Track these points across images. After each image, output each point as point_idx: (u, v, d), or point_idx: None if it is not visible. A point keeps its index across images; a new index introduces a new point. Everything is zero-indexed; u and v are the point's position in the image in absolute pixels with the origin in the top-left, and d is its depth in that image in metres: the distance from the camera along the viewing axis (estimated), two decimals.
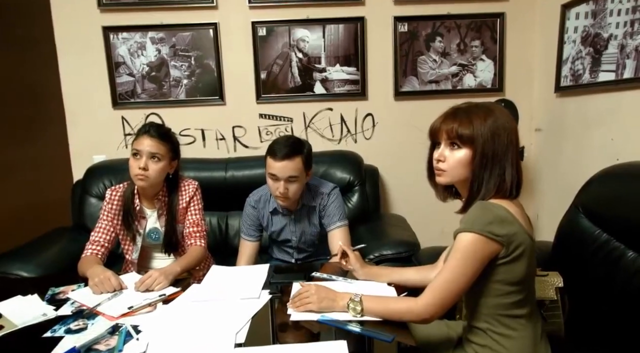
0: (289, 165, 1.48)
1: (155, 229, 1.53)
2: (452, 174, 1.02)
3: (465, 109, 1.02)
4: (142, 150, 1.41)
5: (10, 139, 2.48)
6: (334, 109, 2.34)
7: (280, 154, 1.48)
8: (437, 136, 1.05)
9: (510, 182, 0.98)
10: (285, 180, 1.49)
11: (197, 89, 2.29)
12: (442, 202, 1.15)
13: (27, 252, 1.79)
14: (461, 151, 1.00)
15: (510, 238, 0.94)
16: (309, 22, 2.24)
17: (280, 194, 1.51)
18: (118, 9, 2.20)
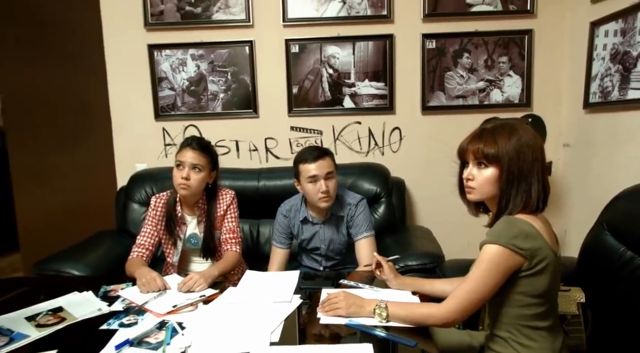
0: (324, 163, 1.62)
1: (194, 235, 1.65)
2: (480, 191, 1.09)
3: (491, 130, 1.08)
4: (185, 162, 1.53)
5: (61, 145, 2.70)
6: (362, 122, 2.42)
7: (313, 156, 1.62)
8: (465, 156, 1.11)
9: (537, 197, 1.04)
10: (324, 177, 1.60)
11: (233, 103, 2.42)
12: (474, 217, 1.21)
13: (76, 252, 1.95)
14: (488, 170, 1.06)
15: (534, 252, 0.99)
16: (340, 39, 2.34)
17: (323, 193, 1.61)
18: (162, 28, 2.36)
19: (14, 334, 1.08)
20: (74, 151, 2.64)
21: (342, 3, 2.31)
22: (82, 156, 2.65)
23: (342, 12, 2.31)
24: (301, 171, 1.63)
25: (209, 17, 2.34)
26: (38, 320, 1.16)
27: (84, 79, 2.53)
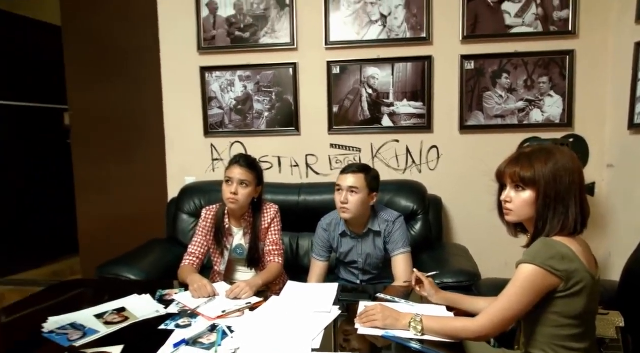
0: (351, 178, 1.71)
1: (240, 245, 1.77)
2: (518, 213, 1.13)
3: (528, 153, 1.13)
4: (234, 178, 1.66)
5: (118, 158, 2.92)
6: (400, 140, 2.49)
7: (349, 170, 1.73)
8: (502, 179, 1.17)
9: (574, 220, 1.07)
10: (347, 190, 1.69)
11: (276, 121, 2.56)
12: (513, 237, 1.24)
13: (132, 258, 2.11)
14: (525, 193, 1.11)
15: (570, 274, 1.02)
16: (380, 61, 2.43)
17: (341, 204, 1.70)
18: (213, 52, 2.55)
19: (87, 329, 1.23)
20: (130, 164, 2.86)
21: (382, 26, 2.40)
22: (137, 169, 2.86)
23: (382, 35, 2.41)
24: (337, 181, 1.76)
25: (257, 41, 2.50)
26: (105, 318, 1.30)
27: (141, 98, 2.76)
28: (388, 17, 2.39)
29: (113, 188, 2.94)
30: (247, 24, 2.50)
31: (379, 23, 2.40)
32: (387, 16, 2.39)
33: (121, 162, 2.90)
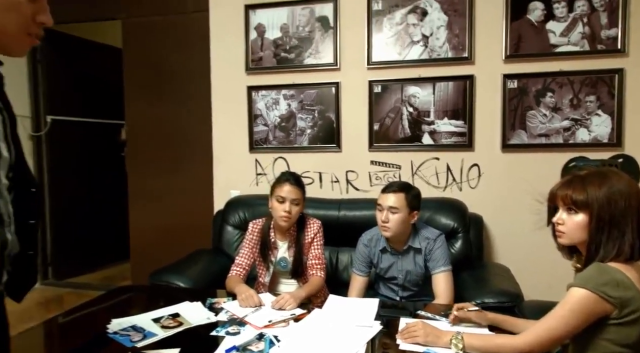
0: (392, 197, 1.74)
1: (284, 258, 1.85)
2: (570, 236, 1.14)
3: (581, 176, 1.13)
4: (287, 197, 1.75)
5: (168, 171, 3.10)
6: (440, 158, 2.51)
7: (390, 189, 1.77)
8: (555, 201, 1.18)
9: (631, 245, 1.05)
10: (387, 209, 1.73)
11: (318, 138, 2.65)
12: (568, 260, 1.24)
13: (181, 267, 2.23)
14: (578, 216, 1.11)
15: (625, 302, 1.01)
16: (421, 80, 2.48)
17: (382, 223, 1.74)
18: (260, 72, 2.69)
19: (146, 332, 1.33)
20: (179, 177, 3.03)
21: (424, 47, 2.45)
22: (185, 181, 3.03)
23: (424, 55, 2.46)
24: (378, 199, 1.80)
25: (301, 62, 2.62)
26: (162, 323, 1.41)
27: (191, 115, 2.93)
28: (430, 37, 2.44)
29: (163, 199, 3.12)
30: (292, 46, 2.62)
31: (421, 43, 2.46)
32: (428, 37, 2.44)
33: (171, 174, 3.08)
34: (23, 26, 0.82)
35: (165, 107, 3.03)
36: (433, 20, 2.43)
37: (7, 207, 0.85)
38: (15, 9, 0.80)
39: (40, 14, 0.84)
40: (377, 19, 2.49)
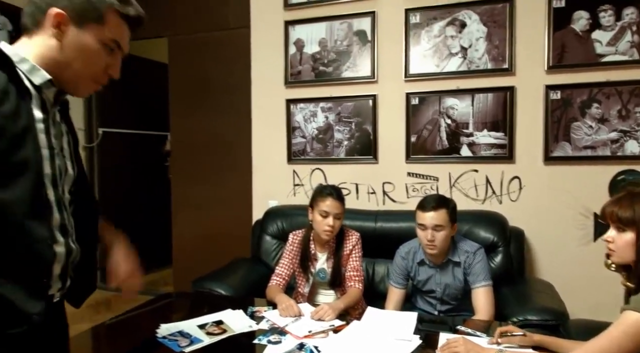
0: (435, 215, 1.72)
1: (323, 269, 1.88)
2: (619, 254, 1.12)
3: (631, 194, 1.11)
4: (330, 212, 1.78)
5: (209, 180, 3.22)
6: (479, 170, 2.47)
7: (429, 206, 1.74)
8: (605, 219, 1.16)
9: None
10: (432, 228, 1.71)
11: (355, 149, 2.68)
12: (625, 281, 1.19)
13: (222, 274, 2.31)
14: (627, 234, 1.09)
15: None
16: (459, 92, 2.46)
17: (428, 242, 1.73)
18: (299, 85, 2.76)
19: (193, 338, 1.40)
20: (219, 186, 3.14)
21: (463, 58, 2.44)
22: (225, 191, 3.14)
23: (462, 67, 2.44)
24: (416, 216, 1.78)
25: (339, 75, 2.66)
26: (207, 329, 1.47)
27: (232, 127, 3.04)
28: (468, 49, 2.43)
29: (204, 207, 3.24)
30: (330, 59, 2.68)
31: (459, 55, 2.45)
32: (467, 48, 2.43)
33: (212, 184, 3.19)
34: (95, 74, 0.92)
35: (207, 119, 3.17)
36: (472, 32, 2.42)
37: (70, 218, 0.94)
38: (96, 59, 0.90)
39: (113, 68, 0.93)
40: (415, 31, 2.51)
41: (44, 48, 0.86)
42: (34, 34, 0.87)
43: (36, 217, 0.81)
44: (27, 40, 0.88)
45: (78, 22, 0.86)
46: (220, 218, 3.17)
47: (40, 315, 0.82)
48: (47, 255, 0.84)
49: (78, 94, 0.94)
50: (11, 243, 0.79)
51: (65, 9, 0.85)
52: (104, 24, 0.88)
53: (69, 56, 0.87)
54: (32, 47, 0.86)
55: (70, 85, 0.91)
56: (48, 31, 0.86)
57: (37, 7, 0.86)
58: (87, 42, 0.87)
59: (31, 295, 0.82)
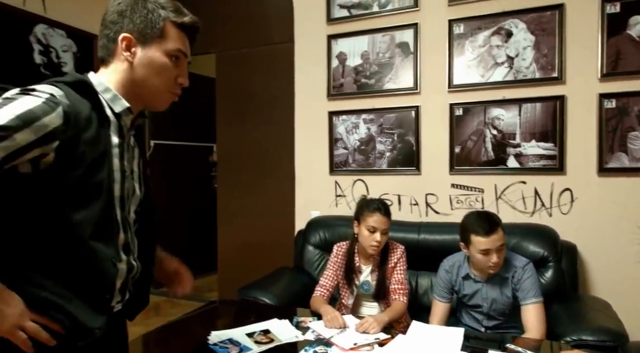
0: (497, 237, 1.68)
1: (367, 282, 1.89)
2: None
3: None
4: (378, 228, 1.80)
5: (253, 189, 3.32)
6: (527, 182, 2.40)
7: (487, 230, 1.68)
8: None
9: None
10: (497, 250, 1.67)
11: (397, 161, 2.67)
12: None
13: (266, 283, 2.36)
14: None
15: None
16: (505, 102, 2.41)
17: (493, 264, 1.68)
18: (341, 98, 2.80)
19: (242, 346, 1.45)
20: (263, 195, 3.23)
21: (509, 68, 2.39)
22: (269, 200, 3.22)
23: (509, 77, 2.39)
24: (473, 242, 1.71)
25: (381, 87, 2.68)
26: (255, 338, 1.51)
27: (276, 139, 3.13)
28: (515, 58, 2.38)
29: (248, 216, 3.34)
30: (372, 72, 2.70)
31: (505, 65, 2.40)
32: (514, 58, 2.38)
33: (256, 194, 3.29)
34: (168, 86, 0.98)
35: (252, 131, 3.27)
36: (519, 41, 2.37)
37: (133, 237, 1.00)
38: (166, 72, 0.96)
39: (181, 77, 0.99)
40: (459, 42, 2.48)
41: (120, 73, 0.94)
42: (109, 62, 0.95)
43: (104, 237, 0.87)
44: (105, 70, 0.95)
45: (143, 41, 0.93)
46: (263, 227, 3.25)
47: (101, 329, 0.88)
48: (111, 272, 0.89)
49: (159, 107, 1.01)
50: (78, 261, 0.84)
51: (131, 31, 0.92)
52: (165, 37, 0.94)
53: (142, 74, 0.94)
54: (110, 75, 0.94)
55: (150, 101, 0.98)
56: (120, 56, 0.93)
57: (108, 38, 0.94)
58: (155, 57, 0.94)
59: (94, 310, 0.87)
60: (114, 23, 0.93)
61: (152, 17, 0.93)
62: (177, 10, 0.97)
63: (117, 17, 0.93)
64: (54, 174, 0.77)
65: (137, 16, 0.92)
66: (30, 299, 0.78)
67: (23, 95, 0.75)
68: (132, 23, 0.92)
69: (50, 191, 0.78)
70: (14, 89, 0.79)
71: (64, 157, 0.77)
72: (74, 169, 0.79)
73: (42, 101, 0.75)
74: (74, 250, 0.83)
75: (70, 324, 0.82)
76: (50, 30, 2.97)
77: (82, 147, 0.80)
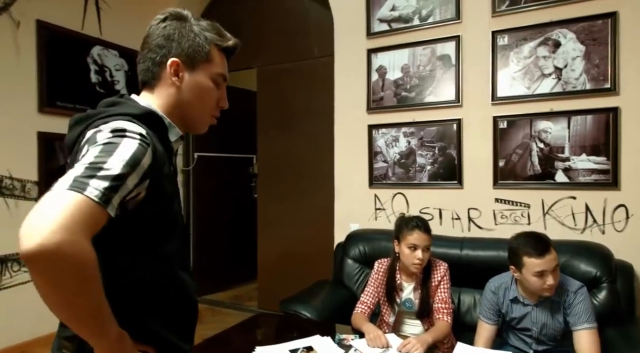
0: (552, 257, 1.61)
1: (409, 299, 1.87)
2: None
3: None
4: (419, 245, 1.79)
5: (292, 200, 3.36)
6: (577, 197, 2.30)
7: (541, 251, 1.61)
8: None
9: None
10: (552, 271, 1.61)
11: (438, 174, 2.64)
12: None
13: (306, 296, 2.39)
14: None
15: None
16: (553, 114, 2.33)
17: (549, 286, 1.62)
18: (381, 111, 2.80)
19: None
20: (301, 207, 3.28)
21: (557, 79, 2.31)
22: (307, 211, 3.26)
23: (557, 88, 2.31)
24: (526, 264, 1.64)
25: (421, 100, 2.66)
26: None
27: (315, 151, 3.17)
28: (563, 69, 2.30)
29: (287, 226, 3.39)
30: (413, 85, 2.69)
31: (553, 76, 2.32)
32: (562, 69, 2.30)
33: (295, 205, 3.34)
34: (211, 109, 0.98)
35: (291, 143, 3.33)
36: (567, 51, 2.28)
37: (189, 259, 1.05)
38: (210, 95, 0.96)
39: (222, 100, 0.99)
40: (503, 53, 2.43)
41: (167, 97, 0.92)
42: (154, 86, 0.92)
43: (185, 266, 0.91)
44: (150, 94, 0.92)
45: (190, 66, 0.92)
46: (301, 237, 3.29)
47: (190, 351, 0.92)
48: (195, 298, 0.94)
49: (200, 130, 1.00)
50: (174, 292, 0.88)
51: (179, 56, 0.90)
52: (211, 60, 0.93)
53: (188, 99, 0.93)
54: (157, 99, 0.92)
55: (193, 124, 0.97)
56: (167, 81, 0.90)
57: (153, 61, 0.91)
58: (201, 82, 0.93)
59: (187, 335, 0.92)
60: (160, 47, 0.91)
61: (199, 41, 0.92)
62: (221, 33, 0.97)
63: (164, 41, 0.90)
64: (142, 211, 0.78)
65: (185, 40, 0.91)
66: (138, 332, 0.80)
67: (121, 139, 0.74)
68: (180, 47, 0.91)
69: (141, 227, 0.80)
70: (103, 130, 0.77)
71: (151, 193, 0.78)
72: (158, 203, 0.80)
73: (138, 143, 0.74)
74: (169, 282, 0.86)
75: (168, 349, 0.86)
76: (105, 51, 3.16)
77: (163, 181, 0.81)
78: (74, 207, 0.63)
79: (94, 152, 0.71)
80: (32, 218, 0.62)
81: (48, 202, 0.64)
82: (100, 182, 0.67)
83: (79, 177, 0.66)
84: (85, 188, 0.65)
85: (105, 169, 0.68)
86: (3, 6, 2.61)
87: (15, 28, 2.68)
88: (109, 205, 0.67)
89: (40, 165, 2.78)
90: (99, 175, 0.67)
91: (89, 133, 0.78)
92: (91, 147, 0.73)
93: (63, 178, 0.67)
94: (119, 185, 0.69)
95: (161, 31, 0.91)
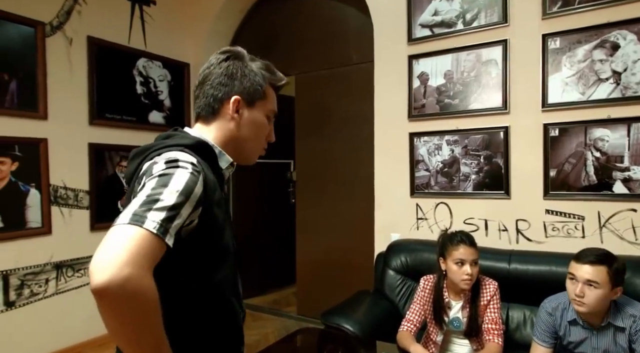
0: (590, 270, 1.54)
1: (457, 318, 1.81)
2: None
3: None
4: (466, 259, 1.74)
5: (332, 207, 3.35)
6: (638, 210, 2.16)
7: (585, 259, 1.56)
8: None
9: None
10: (584, 283, 1.54)
11: (484, 184, 2.54)
12: None
13: (347, 308, 2.36)
14: None
15: None
16: (610, 121, 2.19)
17: (576, 296, 1.55)
18: (423, 119, 2.73)
19: None
20: (340, 214, 3.26)
21: (615, 84, 2.17)
22: (346, 218, 3.24)
23: (615, 94, 2.17)
24: (569, 266, 1.61)
25: (466, 107, 2.57)
26: None
27: (355, 158, 3.14)
28: (623, 73, 2.15)
29: (326, 233, 3.38)
30: (456, 91, 2.60)
31: (611, 80, 2.18)
32: (621, 73, 2.16)
33: (333, 211, 3.32)
34: (263, 142, 1.04)
35: (329, 149, 3.32)
36: (627, 54, 2.14)
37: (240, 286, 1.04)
38: (264, 130, 1.02)
39: (270, 134, 1.06)
40: (554, 58, 2.31)
41: (225, 131, 0.97)
42: (211, 120, 0.97)
43: (235, 292, 0.93)
44: (206, 127, 0.98)
45: (249, 103, 0.98)
46: (341, 244, 3.28)
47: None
48: (241, 325, 0.95)
49: (251, 162, 1.05)
50: (224, 318, 0.90)
51: (240, 94, 0.96)
52: (266, 98, 1.00)
53: (246, 134, 0.98)
54: (213, 132, 0.97)
55: (245, 156, 1.03)
56: (226, 116, 0.97)
57: (214, 98, 0.97)
58: (258, 118, 0.99)
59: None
60: (223, 85, 0.96)
61: (258, 80, 0.98)
62: (274, 71, 1.03)
63: (226, 79, 0.96)
64: (195, 238, 0.80)
65: (246, 80, 0.97)
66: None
67: (175, 169, 0.77)
68: (242, 86, 0.96)
69: (195, 255, 0.82)
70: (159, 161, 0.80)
71: (204, 222, 0.80)
72: (211, 232, 0.83)
73: (189, 172, 0.77)
74: (221, 308, 0.89)
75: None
76: (150, 62, 3.26)
77: (214, 207, 0.83)
78: (135, 241, 0.66)
79: (151, 185, 0.74)
80: (99, 255, 0.65)
81: (112, 237, 0.66)
82: (158, 214, 0.69)
83: (138, 210, 0.69)
84: (144, 222, 0.68)
85: (161, 200, 0.71)
86: (57, 25, 2.74)
87: (68, 45, 2.81)
88: (167, 235, 0.70)
89: (91, 175, 2.90)
90: (155, 207, 0.70)
91: (145, 165, 0.83)
92: (148, 180, 0.76)
93: (124, 213, 0.70)
94: (175, 215, 0.72)
95: (224, 70, 0.97)
